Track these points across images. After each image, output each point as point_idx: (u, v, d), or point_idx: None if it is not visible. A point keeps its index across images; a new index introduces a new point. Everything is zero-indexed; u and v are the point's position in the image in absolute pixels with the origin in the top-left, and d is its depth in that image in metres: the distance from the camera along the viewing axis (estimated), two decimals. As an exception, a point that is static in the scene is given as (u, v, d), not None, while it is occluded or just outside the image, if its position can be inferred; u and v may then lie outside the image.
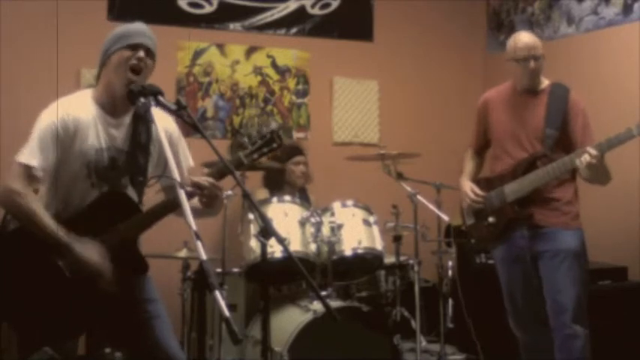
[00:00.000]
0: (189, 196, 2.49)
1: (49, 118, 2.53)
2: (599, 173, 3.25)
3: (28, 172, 2.47)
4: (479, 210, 3.56)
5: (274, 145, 2.66)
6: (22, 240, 2.52)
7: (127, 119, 2.65)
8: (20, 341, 2.66)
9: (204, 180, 2.54)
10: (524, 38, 3.49)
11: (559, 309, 3.34)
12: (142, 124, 2.65)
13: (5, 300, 2.53)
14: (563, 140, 3.39)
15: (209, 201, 2.58)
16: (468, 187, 3.58)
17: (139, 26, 2.64)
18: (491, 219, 3.51)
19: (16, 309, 2.52)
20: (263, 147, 2.65)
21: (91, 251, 2.49)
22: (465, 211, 3.66)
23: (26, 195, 2.46)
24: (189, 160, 2.77)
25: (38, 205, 2.48)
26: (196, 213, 2.55)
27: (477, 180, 3.65)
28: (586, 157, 3.14)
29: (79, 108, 2.57)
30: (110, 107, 2.61)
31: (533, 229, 3.42)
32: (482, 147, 3.74)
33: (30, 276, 2.50)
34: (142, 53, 2.56)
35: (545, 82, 3.50)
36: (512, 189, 3.43)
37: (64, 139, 2.52)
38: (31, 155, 2.48)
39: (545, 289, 3.39)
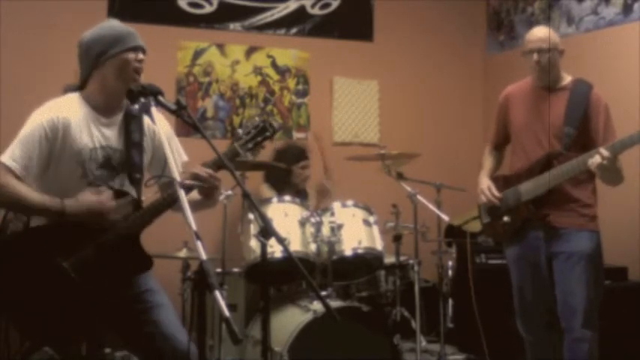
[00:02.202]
0: (188, 189, 2.50)
1: (36, 120, 2.55)
2: (612, 175, 3.19)
3: (7, 170, 2.49)
4: (494, 208, 3.51)
5: (267, 133, 2.67)
6: (28, 242, 2.53)
7: (119, 118, 2.67)
8: (22, 342, 2.66)
9: (203, 171, 2.55)
10: (534, 31, 3.43)
11: (570, 311, 3.30)
12: (134, 122, 2.67)
13: (11, 302, 2.53)
14: (584, 139, 3.31)
15: (208, 192, 2.60)
16: (486, 185, 3.54)
17: (127, 27, 2.66)
18: (506, 218, 3.46)
19: (22, 312, 2.52)
20: (257, 136, 2.66)
21: (83, 198, 2.51)
22: (482, 208, 3.62)
23: (7, 183, 2.47)
24: (182, 156, 2.78)
25: (21, 186, 2.48)
26: (195, 206, 2.56)
27: (495, 177, 3.60)
28: (597, 159, 3.07)
29: (69, 109, 2.59)
30: (103, 107, 2.63)
31: (548, 230, 3.36)
32: (501, 143, 3.67)
33: (36, 278, 2.50)
34: (141, 55, 2.60)
35: (567, 79, 3.43)
36: (528, 188, 3.38)
37: (53, 141, 2.54)
38: (11, 155, 2.50)
39: (558, 291, 3.35)
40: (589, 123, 3.32)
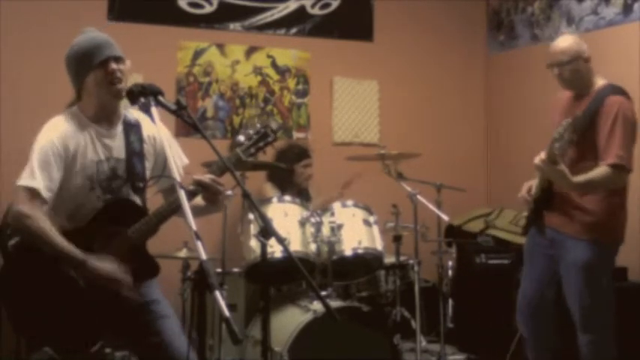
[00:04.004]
0: (192, 194, 2.51)
1: (47, 139, 2.55)
2: (551, 177, 3.24)
3: (32, 194, 2.48)
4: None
5: (269, 139, 2.68)
6: (37, 252, 2.52)
7: (119, 128, 2.68)
8: (29, 348, 2.65)
9: (206, 177, 2.57)
10: (555, 43, 3.45)
11: (572, 316, 3.39)
12: (133, 131, 2.69)
13: (20, 310, 2.53)
14: (587, 144, 3.29)
15: (212, 197, 2.61)
16: (527, 184, 3.56)
17: (93, 39, 2.63)
18: (524, 213, 3.57)
19: (31, 320, 2.52)
20: (259, 141, 2.68)
21: (105, 263, 2.51)
22: None
23: (33, 216, 2.46)
24: (183, 159, 2.78)
25: (47, 224, 2.47)
26: (200, 211, 2.58)
27: None
28: (535, 160, 3.15)
29: (73, 125, 2.60)
30: (100, 118, 2.64)
31: (551, 232, 3.43)
32: None
33: (45, 287, 2.51)
34: (113, 65, 2.58)
35: (598, 84, 3.40)
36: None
37: (66, 158, 2.55)
38: (32, 177, 2.49)
39: None
40: (595, 129, 3.28)
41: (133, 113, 2.74)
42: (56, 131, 2.57)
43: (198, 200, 2.61)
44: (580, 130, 3.30)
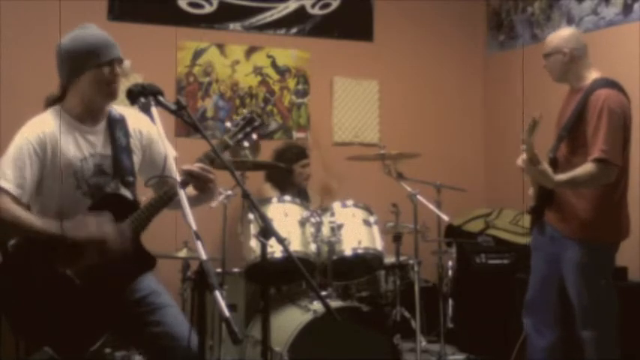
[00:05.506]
0: (183, 184, 2.51)
1: (23, 138, 2.56)
2: (536, 177, 3.27)
3: (3, 192, 2.49)
4: None
5: (256, 124, 2.69)
6: (31, 253, 2.53)
7: (103, 125, 2.68)
8: (28, 350, 2.66)
9: (195, 166, 2.56)
10: (550, 35, 3.54)
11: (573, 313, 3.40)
12: (118, 126, 2.69)
13: (20, 312, 2.53)
14: (578, 141, 3.28)
15: (204, 186, 2.60)
16: None
17: (102, 37, 2.63)
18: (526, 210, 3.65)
19: (31, 321, 2.52)
20: (245, 126, 2.68)
21: (85, 226, 2.51)
22: None
23: (5, 207, 2.47)
24: (172, 151, 2.78)
25: (18, 208, 2.49)
26: (193, 201, 2.58)
27: None
28: (518, 161, 3.20)
29: (53, 124, 2.60)
30: (85, 117, 2.64)
31: (550, 229, 3.44)
32: None
33: (44, 287, 2.51)
34: (118, 69, 2.60)
35: (589, 78, 3.37)
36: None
37: (42, 157, 2.55)
38: (3, 176, 2.50)
39: None
40: (584, 126, 3.27)
41: (117, 109, 2.74)
42: (34, 130, 2.57)
43: (190, 190, 2.61)
44: (569, 126, 3.31)
